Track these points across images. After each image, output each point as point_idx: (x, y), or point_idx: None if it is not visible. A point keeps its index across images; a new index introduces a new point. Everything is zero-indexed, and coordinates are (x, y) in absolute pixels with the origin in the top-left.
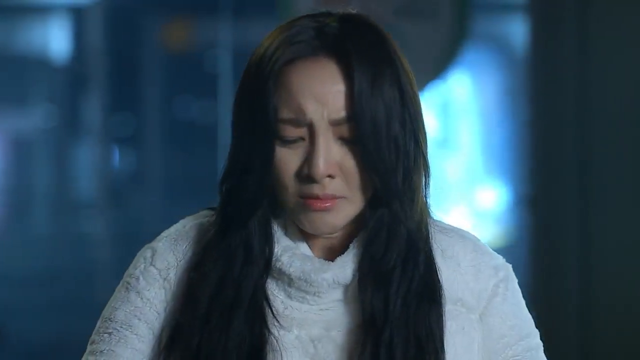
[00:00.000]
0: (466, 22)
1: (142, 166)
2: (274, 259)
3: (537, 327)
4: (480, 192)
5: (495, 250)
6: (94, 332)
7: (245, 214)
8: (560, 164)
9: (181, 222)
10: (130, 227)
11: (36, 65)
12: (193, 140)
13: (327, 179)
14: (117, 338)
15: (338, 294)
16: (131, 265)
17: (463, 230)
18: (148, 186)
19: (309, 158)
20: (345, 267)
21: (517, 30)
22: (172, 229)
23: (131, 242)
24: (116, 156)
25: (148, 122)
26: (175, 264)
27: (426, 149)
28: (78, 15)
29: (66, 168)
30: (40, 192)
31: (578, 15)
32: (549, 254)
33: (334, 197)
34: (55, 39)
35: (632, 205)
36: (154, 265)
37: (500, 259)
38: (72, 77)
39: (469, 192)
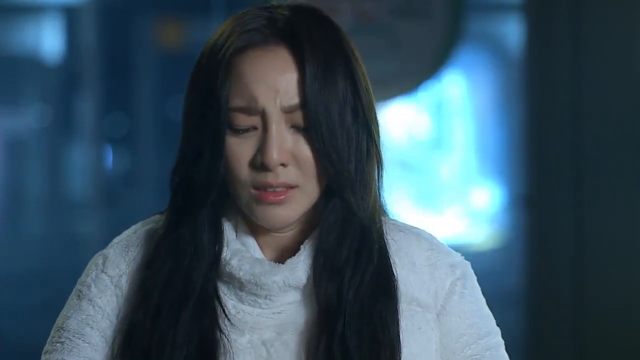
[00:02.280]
0: (460, 21)
1: (135, 166)
2: (223, 262)
3: (531, 328)
4: (475, 193)
5: (489, 251)
6: (47, 342)
7: (195, 206)
8: (554, 164)
9: (132, 228)
10: (123, 227)
11: (28, 65)
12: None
13: (281, 167)
14: (70, 347)
15: (291, 296)
16: (83, 273)
17: (419, 229)
18: (141, 186)
19: (261, 146)
20: (296, 269)
21: (512, 30)
22: (123, 235)
23: None
24: (109, 156)
25: (141, 121)
26: (127, 270)
27: (379, 140)
28: (71, 15)
29: (59, 168)
30: (33, 192)
31: (572, 15)
32: (544, 254)
33: (287, 187)
34: (48, 39)
35: (627, 206)
36: (105, 273)
37: (457, 257)
38: (65, 77)
39: (463, 193)
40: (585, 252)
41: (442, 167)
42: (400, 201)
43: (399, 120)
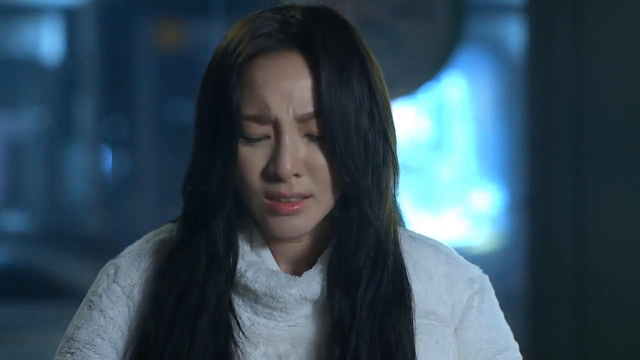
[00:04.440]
0: (461, 23)
1: (134, 168)
2: (238, 274)
3: (533, 333)
4: (475, 195)
5: (490, 253)
6: (56, 352)
7: (209, 216)
8: (556, 167)
9: (144, 238)
10: (123, 228)
11: (28, 67)
12: (185, 142)
13: (294, 177)
14: (80, 358)
15: (306, 309)
16: (94, 283)
17: (436, 241)
18: (141, 188)
19: (274, 156)
20: (313, 281)
21: (513, 32)
22: (135, 244)
23: (124, 244)
24: (108, 158)
25: (140, 124)
26: (139, 281)
27: (395, 146)
28: (70, 17)
29: (58, 170)
30: (32, 194)
31: (574, 17)
32: (545, 256)
33: (301, 196)
34: (47, 41)
35: (629, 208)
36: (117, 283)
37: (475, 271)
38: (64, 79)
39: (463, 195)
40: (586, 255)
41: (443, 169)
42: (404, 203)
43: (399, 122)
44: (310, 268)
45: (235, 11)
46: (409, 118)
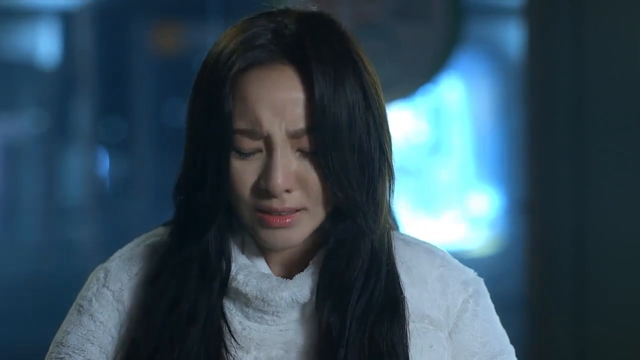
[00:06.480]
0: (460, 25)
1: (132, 171)
2: (229, 277)
3: (531, 334)
4: (473, 198)
5: (488, 256)
6: (46, 357)
7: (201, 227)
8: (555, 170)
9: (135, 241)
10: (120, 232)
11: (25, 69)
12: (183, 145)
13: (286, 193)
14: None
15: (297, 313)
16: (84, 287)
17: (430, 244)
18: (138, 191)
19: (266, 172)
20: (304, 285)
21: (512, 35)
22: (125, 248)
23: (121, 247)
24: (106, 161)
25: (138, 126)
26: (129, 285)
27: (391, 155)
28: (67, 20)
29: (55, 173)
30: (28, 198)
31: (573, 19)
32: (543, 260)
33: (294, 210)
34: (44, 44)
35: (628, 211)
36: (107, 287)
37: (470, 274)
38: (61, 82)
39: (461, 198)
40: (585, 258)
41: (441, 171)
42: (398, 206)
43: (396, 124)
44: (302, 271)
45: (233, 14)
46: (407, 120)
